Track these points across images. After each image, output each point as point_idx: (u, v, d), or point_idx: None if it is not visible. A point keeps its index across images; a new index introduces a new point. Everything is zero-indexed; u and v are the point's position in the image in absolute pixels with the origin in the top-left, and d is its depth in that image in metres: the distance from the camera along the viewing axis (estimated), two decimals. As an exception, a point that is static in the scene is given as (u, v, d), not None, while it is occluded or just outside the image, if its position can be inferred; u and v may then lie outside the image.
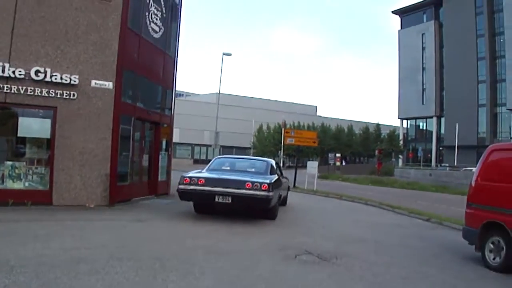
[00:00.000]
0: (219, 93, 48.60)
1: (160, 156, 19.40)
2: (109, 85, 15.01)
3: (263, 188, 12.63)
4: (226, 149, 71.66)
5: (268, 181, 12.93)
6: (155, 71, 18.71)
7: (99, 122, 14.86)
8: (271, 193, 12.72)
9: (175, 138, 32.00)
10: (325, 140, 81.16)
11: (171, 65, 20.25)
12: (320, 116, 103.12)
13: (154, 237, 10.22)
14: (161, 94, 19.72)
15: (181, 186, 13.19)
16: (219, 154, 37.01)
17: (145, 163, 18.21)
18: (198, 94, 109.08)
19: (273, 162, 16.17)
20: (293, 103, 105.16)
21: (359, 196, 23.69)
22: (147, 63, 17.75)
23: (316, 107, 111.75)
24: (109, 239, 9.64)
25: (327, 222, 14.48)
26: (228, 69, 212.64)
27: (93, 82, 14.81)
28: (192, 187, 13.05)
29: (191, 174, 13.65)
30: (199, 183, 13.06)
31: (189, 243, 9.75)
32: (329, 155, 75.93)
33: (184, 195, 13.28)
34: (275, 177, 14.23)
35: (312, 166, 29.15)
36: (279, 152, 78.32)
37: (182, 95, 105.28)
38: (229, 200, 12.70)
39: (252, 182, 12.74)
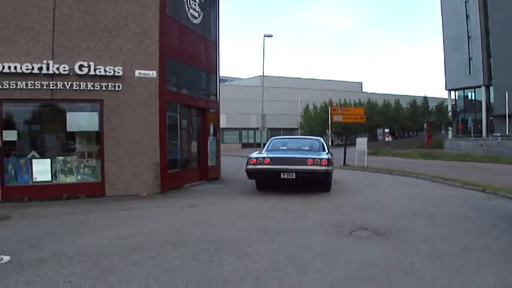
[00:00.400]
0: (263, 75, 48.28)
1: (208, 142, 19.51)
2: (153, 74, 15.08)
3: (323, 164, 14.16)
4: (274, 131, 71.26)
5: (326, 157, 14.50)
6: (197, 57, 18.73)
7: (146, 112, 14.96)
8: (330, 167, 14.41)
9: (222, 124, 32.20)
10: (372, 116, 79.65)
11: (213, 50, 20.19)
12: (366, 92, 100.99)
13: (207, 221, 10.22)
14: (205, 79, 19.72)
15: (249, 167, 14.55)
16: (267, 137, 36.86)
17: (194, 149, 18.40)
18: (242, 79, 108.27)
19: (322, 140, 17.44)
20: (338, 80, 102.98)
21: (409, 170, 23.30)
22: (189, 50, 17.79)
23: (361, 83, 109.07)
24: (162, 226, 9.69)
25: (380, 197, 14.27)
26: (270, 51, 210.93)
27: (136, 72, 14.89)
28: (259, 166, 14.42)
29: (255, 155, 14.91)
30: (265, 162, 14.43)
31: (243, 225, 9.72)
32: (378, 131, 75.21)
33: (252, 174, 14.70)
34: (329, 153, 15.46)
35: (361, 142, 28.78)
36: (327, 130, 78.01)
37: (226, 80, 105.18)
38: (293, 176, 14.08)
39: (313, 159, 14.21)
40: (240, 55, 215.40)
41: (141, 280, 6.02)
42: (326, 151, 15.83)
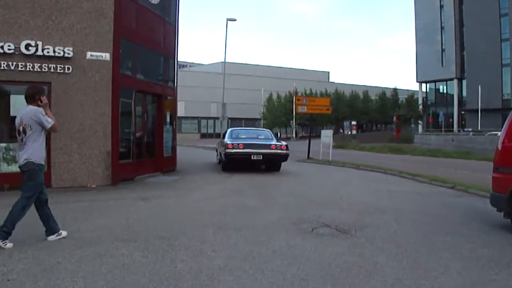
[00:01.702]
0: (224, 62, 48.06)
1: (164, 131, 19.40)
2: (106, 56, 14.97)
3: (283, 148, 19.97)
4: (235, 122, 71.45)
5: (285, 143, 20.28)
6: (155, 39, 18.59)
7: (98, 97, 14.84)
8: (288, 151, 20.06)
9: (180, 112, 31.87)
10: (339, 107, 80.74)
11: (172, 33, 20.08)
12: (333, 83, 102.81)
13: (160, 216, 10.16)
14: (162, 64, 19.63)
15: (228, 151, 19.41)
16: (227, 127, 36.85)
17: (148, 138, 18.28)
18: (203, 64, 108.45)
19: (270, 131, 23.98)
20: (304, 69, 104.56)
21: (377, 165, 23.54)
22: (146, 32, 17.65)
23: (328, 73, 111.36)
24: (112, 220, 9.62)
25: (344, 192, 14.39)
26: (233, 37, 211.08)
27: (88, 54, 14.77)
28: (235, 150, 19.44)
29: (230, 141, 19.89)
30: (239, 147, 19.59)
31: (199, 220, 9.70)
32: (344, 123, 75.78)
33: (229, 156, 19.46)
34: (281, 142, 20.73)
35: (326, 135, 29.02)
36: (291, 121, 78.50)
37: (186, 65, 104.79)
38: (260, 157, 19.59)
39: (275, 144, 19.95)
40: (202, 40, 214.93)
41: (87, 278, 5.93)
42: (276, 140, 21.27)
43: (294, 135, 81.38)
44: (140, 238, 7.94)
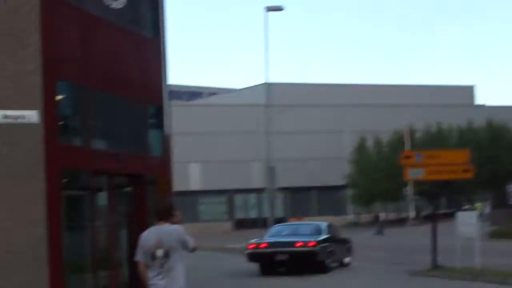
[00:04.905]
0: (268, 83, 34.54)
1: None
2: (32, 116, 11.69)
3: (309, 245, 20.97)
4: (297, 194, 59.36)
5: (314, 238, 21.54)
6: (122, 74, 14.78)
7: (21, 190, 11.55)
8: (316, 248, 20.89)
9: (194, 183, 26.12)
10: (498, 153, 57.88)
11: (154, 54, 16.14)
12: (484, 106, 74.83)
13: None
14: (140, 116, 15.75)
15: (248, 251, 22.25)
16: (272, 208, 31.77)
17: (122, 261, 14.65)
18: (234, 90, 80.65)
19: (324, 224, 24.48)
20: (421, 85, 76.75)
21: None
22: (103, 62, 14.16)
23: (472, 88, 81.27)
24: None
25: None
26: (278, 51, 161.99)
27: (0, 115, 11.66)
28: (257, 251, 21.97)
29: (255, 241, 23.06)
30: (261, 247, 21.84)
31: None
32: (508, 187, 52.24)
33: (251, 257, 22.05)
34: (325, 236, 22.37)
35: (466, 221, 21.09)
36: (405, 190, 56.65)
37: (201, 94, 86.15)
38: (286, 257, 21.00)
39: (304, 241, 21.24)
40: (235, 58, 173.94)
41: None
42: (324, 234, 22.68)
43: (413, 215, 59.12)
44: None
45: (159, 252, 7.47)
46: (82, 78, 13.31)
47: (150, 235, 7.67)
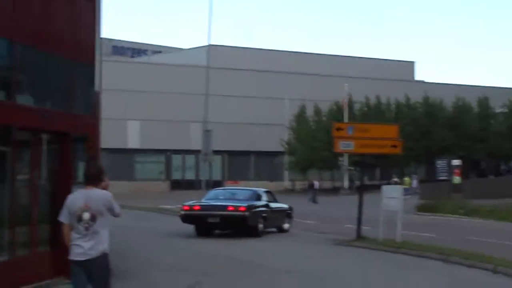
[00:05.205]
0: (208, 44, 36.85)
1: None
2: None
3: (240, 210, 21.98)
4: (235, 158, 60.51)
5: (245, 203, 22.57)
6: (51, 29, 14.29)
7: None
8: (246, 213, 21.93)
9: (133, 142, 25.64)
10: (432, 129, 59.68)
11: (86, 10, 15.67)
12: (423, 82, 77.11)
13: None
14: (69, 74, 15.10)
15: (182, 212, 23.37)
16: (223, 168, 32.22)
17: (44, 216, 14.15)
18: (181, 49, 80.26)
19: (262, 190, 25.89)
20: (363, 58, 77.14)
21: (488, 255, 16.34)
22: (32, 16, 13.59)
23: (413, 64, 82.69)
24: None
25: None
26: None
27: None
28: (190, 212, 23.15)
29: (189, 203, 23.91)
30: (195, 209, 22.97)
31: None
32: (439, 162, 53.28)
33: (184, 219, 23.30)
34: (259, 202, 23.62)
35: (390, 194, 21.07)
36: (341, 159, 56.53)
37: (146, 51, 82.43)
38: (217, 220, 22.44)
39: (234, 206, 22.24)
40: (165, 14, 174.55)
41: None
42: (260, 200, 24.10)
43: (346, 185, 59.83)
44: None
45: (86, 215, 7.71)
46: (8, 32, 12.67)
47: (78, 198, 7.91)
